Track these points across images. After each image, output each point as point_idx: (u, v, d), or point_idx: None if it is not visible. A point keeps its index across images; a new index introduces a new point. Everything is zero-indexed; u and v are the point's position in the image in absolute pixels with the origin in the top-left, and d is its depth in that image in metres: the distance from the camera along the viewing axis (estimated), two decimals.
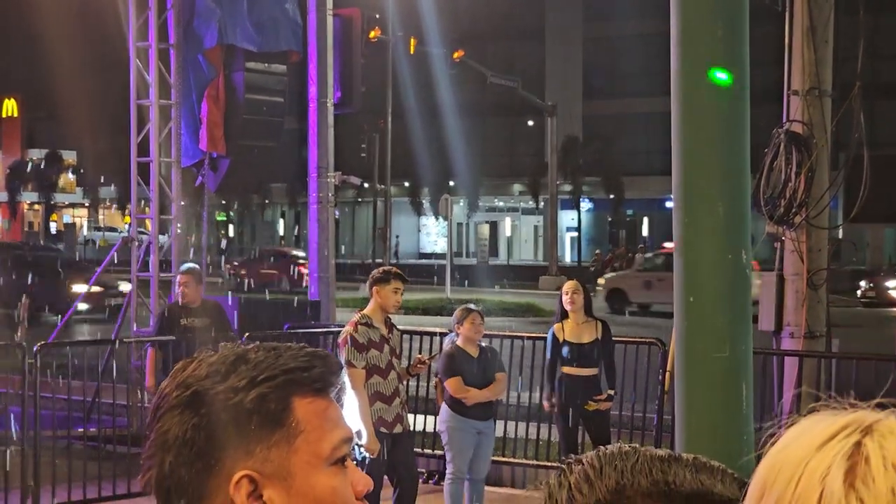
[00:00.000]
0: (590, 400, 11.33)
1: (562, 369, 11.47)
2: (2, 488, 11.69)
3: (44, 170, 76.98)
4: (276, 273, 48.54)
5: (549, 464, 12.74)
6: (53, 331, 17.95)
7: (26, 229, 79.83)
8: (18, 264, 35.29)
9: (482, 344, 10.54)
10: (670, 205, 6.02)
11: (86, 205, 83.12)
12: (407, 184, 66.11)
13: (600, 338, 11.42)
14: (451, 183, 61.85)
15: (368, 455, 9.31)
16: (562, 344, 11.45)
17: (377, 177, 55.03)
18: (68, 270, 36.46)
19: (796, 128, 11.72)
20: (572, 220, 65.33)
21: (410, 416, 10.41)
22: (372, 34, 30.45)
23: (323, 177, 17.18)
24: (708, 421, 5.30)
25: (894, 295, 42.55)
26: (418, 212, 69.74)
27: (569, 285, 11.62)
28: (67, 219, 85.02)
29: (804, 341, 11.87)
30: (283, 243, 76.39)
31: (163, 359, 12.87)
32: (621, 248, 55.37)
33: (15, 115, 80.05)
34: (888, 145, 44.36)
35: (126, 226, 61.96)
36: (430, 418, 13.28)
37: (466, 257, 69.01)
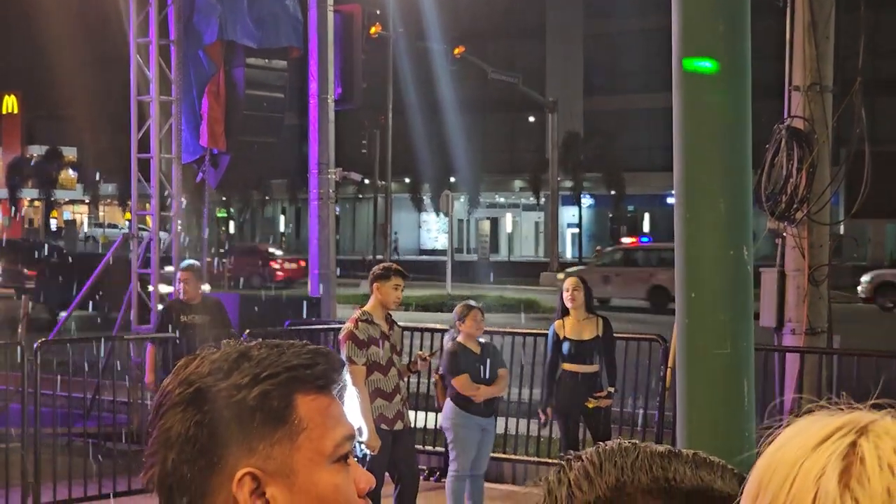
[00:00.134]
0: (590, 397, 11.32)
1: (562, 366, 11.47)
2: (2, 485, 11.69)
3: (44, 166, 76.96)
4: (248, 269, 48.58)
5: (549, 460, 12.73)
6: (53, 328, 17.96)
7: (26, 226, 79.86)
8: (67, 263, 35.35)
9: (482, 340, 10.54)
10: (671, 200, 6.01)
11: (86, 201, 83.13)
12: (408, 180, 66.11)
13: (601, 335, 11.41)
14: (452, 179, 61.86)
15: (369, 452, 9.30)
16: (562, 341, 11.44)
17: (378, 173, 55.03)
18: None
19: (797, 123, 11.72)
20: (573, 216, 65.34)
21: (411, 413, 10.40)
22: (373, 30, 30.43)
23: (323, 173, 17.18)
24: (709, 417, 5.30)
25: None
26: (419, 208, 69.74)
27: (569, 282, 11.61)
28: (68, 215, 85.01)
29: (805, 338, 11.86)
30: (284, 240, 76.42)
31: (162, 356, 12.88)
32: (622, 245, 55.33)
33: (15, 111, 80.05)
34: (889, 141, 44.34)
35: (126, 222, 61.95)
36: (430, 415, 13.28)
37: (467, 253, 69.04)
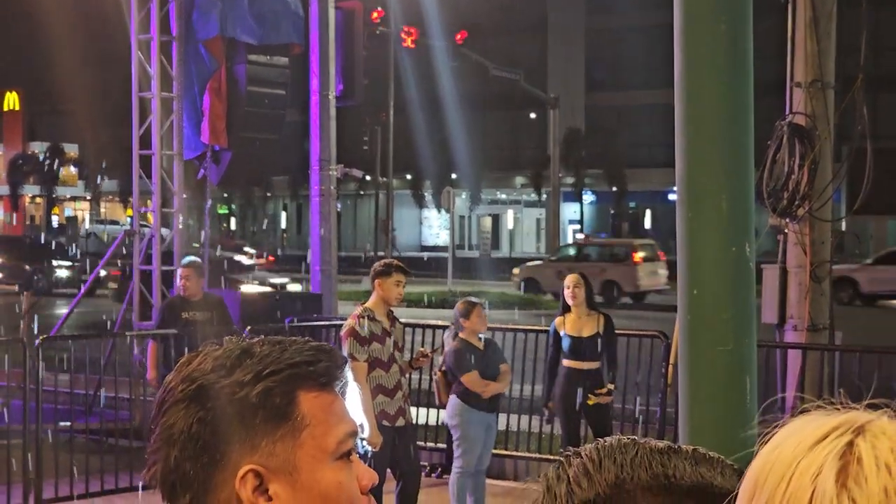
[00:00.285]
0: (590, 394, 11.32)
1: (563, 363, 11.48)
2: (4, 482, 11.69)
3: (45, 163, 76.94)
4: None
5: (550, 457, 12.73)
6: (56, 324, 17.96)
7: (28, 223, 79.85)
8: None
9: (483, 336, 10.54)
10: (673, 197, 6.01)
11: (87, 198, 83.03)
12: (409, 176, 66.09)
13: (602, 332, 11.41)
14: (454, 175, 61.83)
15: (371, 449, 9.30)
16: (562, 337, 11.46)
17: (379, 169, 54.97)
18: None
19: (799, 120, 11.71)
20: (575, 212, 65.33)
21: (413, 410, 10.40)
22: (374, 20, 30.51)
23: (325, 169, 17.18)
24: (711, 414, 5.29)
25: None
26: (420, 204, 69.73)
27: (570, 279, 11.62)
28: (69, 212, 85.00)
29: (807, 334, 11.86)
30: (286, 236, 76.42)
31: (163, 352, 12.88)
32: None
33: (16, 108, 80.00)
34: (891, 138, 44.33)
35: (128, 219, 62.00)
36: (432, 411, 13.29)
37: (468, 250, 68.97)
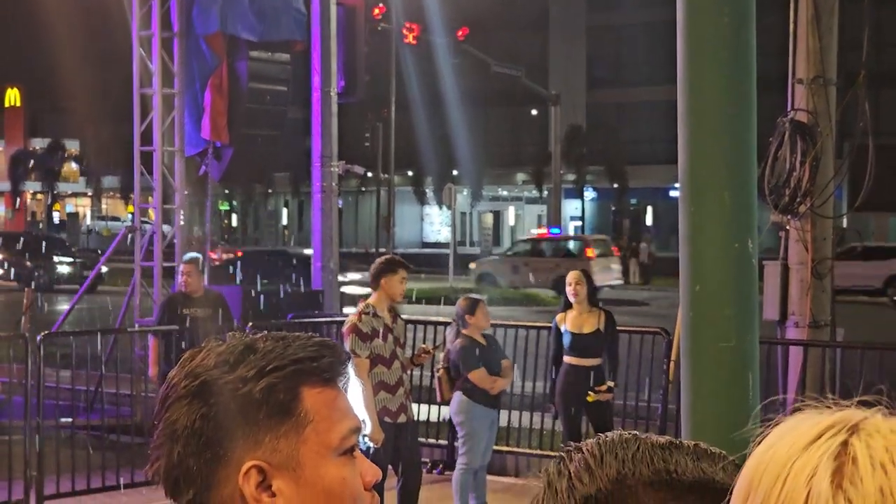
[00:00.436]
0: (590, 391, 11.33)
1: (564, 359, 11.50)
2: (5, 478, 11.70)
3: (47, 159, 76.94)
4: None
5: (551, 453, 12.72)
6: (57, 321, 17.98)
7: (29, 219, 79.89)
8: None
9: (485, 332, 10.55)
10: (674, 193, 6.00)
11: (89, 194, 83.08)
12: (410, 173, 66.06)
13: (603, 328, 11.42)
14: (455, 172, 61.80)
15: (373, 445, 9.30)
16: (563, 333, 11.47)
17: (381, 166, 54.94)
18: None
19: (801, 117, 11.70)
20: (576, 209, 65.29)
21: (414, 406, 10.40)
22: (376, 16, 30.50)
23: (326, 166, 17.18)
24: (714, 411, 5.29)
25: None
26: (422, 201, 69.70)
27: (572, 276, 11.63)
28: (70, 208, 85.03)
29: (809, 331, 11.85)
30: (287, 233, 76.40)
31: (164, 348, 12.88)
32: (623, 238, 55.29)
33: (18, 104, 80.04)
34: (893, 134, 44.28)
35: (129, 215, 61.97)
36: (433, 408, 13.29)
37: (470, 246, 68.94)
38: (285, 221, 80.00)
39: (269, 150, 17.64)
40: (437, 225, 74.78)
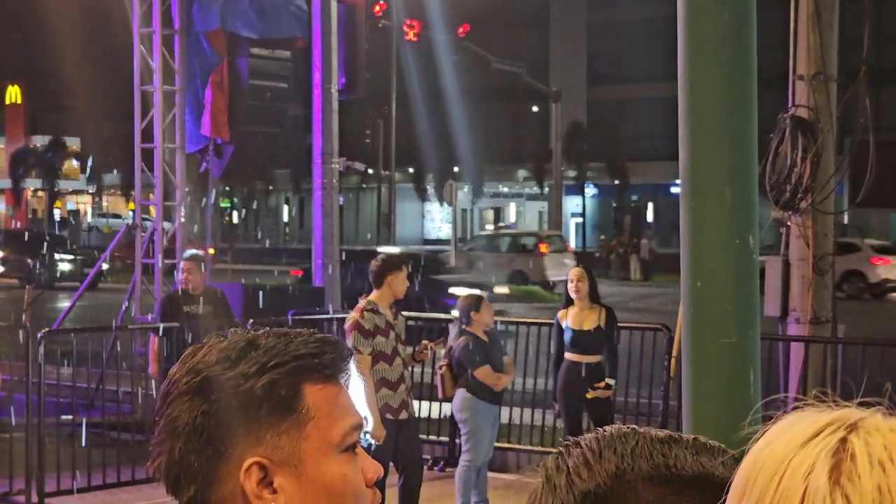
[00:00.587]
0: (589, 388, 11.32)
1: (565, 355, 11.49)
2: (6, 475, 11.70)
3: (47, 157, 76.90)
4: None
5: (552, 450, 12.59)
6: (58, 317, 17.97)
7: (30, 216, 79.84)
8: None
9: (486, 329, 10.56)
10: (675, 190, 6.00)
11: (89, 191, 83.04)
12: (411, 170, 66.05)
13: (604, 325, 11.41)
14: (456, 169, 61.78)
15: (374, 442, 9.30)
16: (564, 330, 11.47)
17: (381, 163, 55.00)
18: None
19: (802, 113, 11.69)
20: (577, 205, 65.23)
21: (415, 403, 10.40)
22: (377, 13, 30.49)
23: (327, 163, 17.18)
24: (714, 407, 5.28)
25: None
26: (423, 198, 69.68)
27: (574, 272, 11.62)
28: (71, 205, 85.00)
29: (810, 327, 11.84)
30: (288, 230, 76.39)
31: (165, 346, 12.87)
32: (624, 234, 55.27)
33: (18, 101, 79.99)
34: (893, 130, 44.26)
35: (130, 212, 61.95)
36: (434, 405, 13.29)
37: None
38: (286, 218, 79.99)
39: (270, 146, 17.64)
40: (437, 222, 74.76)
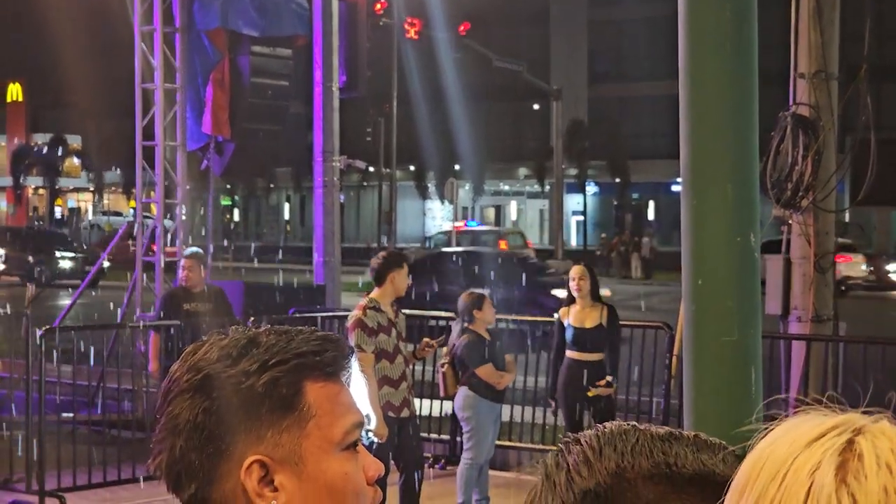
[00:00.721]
0: (590, 386, 11.32)
1: (566, 353, 11.49)
2: (7, 473, 11.71)
3: (48, 154, 76.91)
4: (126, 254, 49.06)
5: (553, 448, 12.71)
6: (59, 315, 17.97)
7: (31, 214, 79.87)
8: None
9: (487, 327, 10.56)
10: (676, 188, 6.00)
11: (91, 189, 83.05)
12: (412, 168, 66.04)
13: (605, 323, 11.41)
14: (457, 167, 61.75)
15: (377, 440, 9.29)
16: (566, 328, 11.46)
17: (382, 160, 54.94)
18: None
19: (803, 111, 11.68)
20: (578, 203, 65.23)
21: (416, 401, 10.39)
22: (378, 11, 30.50)
23: (328, 161, 17.17)
24: (716, 405, 5.28)
25: (894, 278, 42.98)
26: (423, 196, 69.69)
27: (575, 270, 11.61)
28: (72, 203, 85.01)
29: (811, 325, 11.84)
30: (289, 228, 76.40)
31: (165, 344, 12.87)
32: (625, 232, 55.27)
33: (19, 99, 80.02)
34: (894, 128, 44.25)
35: (131, 210, 61.95)
36: (435, 403, 13.29)
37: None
38: (287, 216, 80.00)
39: (271, 144, 17.64)
40: (438, 220, 74.77)
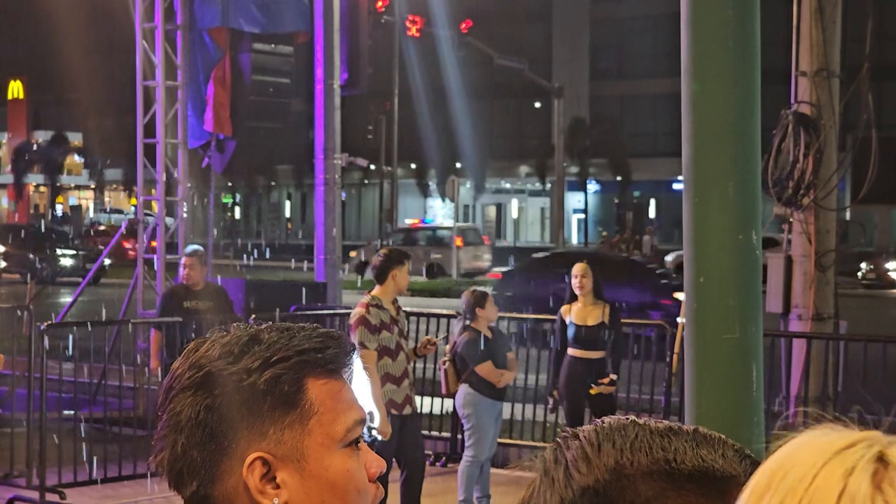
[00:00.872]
0: (592, 384, 11.32)
1: (568, 351, 11.49)
2: (8, 469, 11.71)
3: (50, 152, 76.92)
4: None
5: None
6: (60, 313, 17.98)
7: (32, 211, 79.88)
8: None
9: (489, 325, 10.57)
10: (677, 186, 6.00)
11: (92, 187, 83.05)
12: (413, 166, 66.04)
13: (607, 321, 11.41)
14: (458, 165, 61.77)
15: (380, 437, 9.30)
16: (568, 326, 11.46)
17: (384, 158, 54.95)
18: None
19: (804, 109, 11.69)
20: (579, 201, 65.26)
21: (417, 398, 10.40)
22: (379, 8, 30.45)
23: (329, 158, 17.16)
24: (717, 403, 5.27)
25: (895, 277, 42.96)
26: (425, 194, 69.70)
27: (578, 268, 11.61)
28: (73, 201, 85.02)
29: (812, 323, 11.84)
30: (290, 226, 76.41)
31: (165, 341, 12.87)
32: (626, 231, 55.28)
33: (21, 97, 80.00)
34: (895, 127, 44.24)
35: (132, 208, 61.96)
36: (436, 400, 13.29)
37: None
38: (288, 214, 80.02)
39: (272, 142, 17.65)
40: (440, 217, 74.82)
